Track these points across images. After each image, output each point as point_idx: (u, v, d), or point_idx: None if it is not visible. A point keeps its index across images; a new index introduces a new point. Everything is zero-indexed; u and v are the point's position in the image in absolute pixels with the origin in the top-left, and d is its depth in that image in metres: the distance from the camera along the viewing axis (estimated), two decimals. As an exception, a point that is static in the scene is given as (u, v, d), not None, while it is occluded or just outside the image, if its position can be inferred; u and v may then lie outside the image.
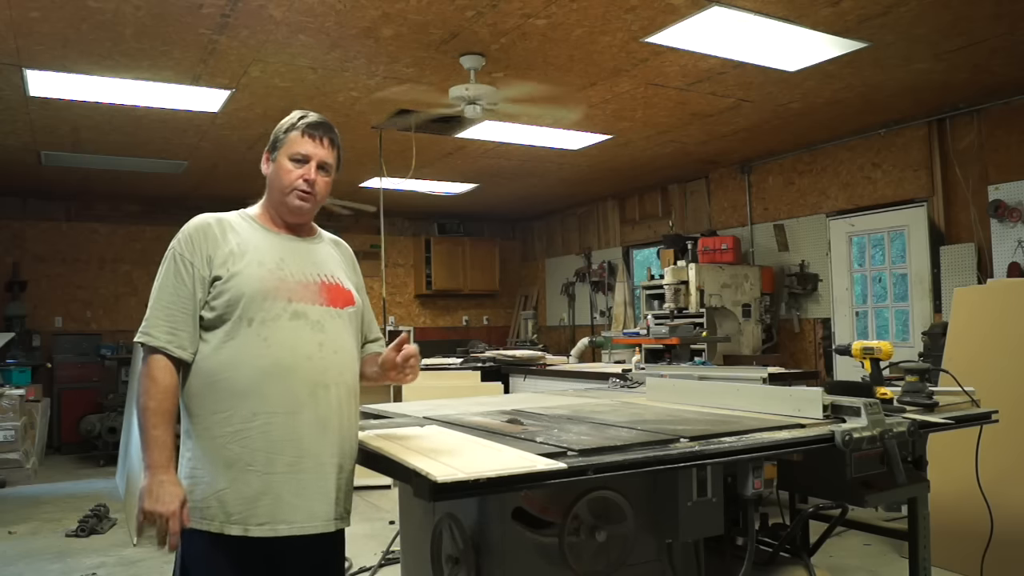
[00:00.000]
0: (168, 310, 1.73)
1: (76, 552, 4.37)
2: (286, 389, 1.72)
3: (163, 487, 1.65)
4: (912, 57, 4.51)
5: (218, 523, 1.69)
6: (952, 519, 3.56)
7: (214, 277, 1.75)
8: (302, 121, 1.88)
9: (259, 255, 1.80)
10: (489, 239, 10.82)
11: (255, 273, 1.77)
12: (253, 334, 1.73)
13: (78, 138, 5.94)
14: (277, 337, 1.74)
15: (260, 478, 1.69)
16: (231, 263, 1.76)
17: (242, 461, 1.69)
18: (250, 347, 1.72)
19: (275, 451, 1.70)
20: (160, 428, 1.67)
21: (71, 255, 8.50)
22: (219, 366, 1.73)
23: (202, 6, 3.63)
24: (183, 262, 1.76)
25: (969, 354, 3.87)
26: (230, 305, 1.74)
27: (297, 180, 1.84)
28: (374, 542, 4.34)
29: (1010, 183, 5.26)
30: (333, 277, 1.90)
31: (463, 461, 1.57)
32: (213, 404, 1.72)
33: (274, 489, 1.70)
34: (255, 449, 1.70)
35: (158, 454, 1.67)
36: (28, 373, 7.35)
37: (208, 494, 1.70)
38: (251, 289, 1.74)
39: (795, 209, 6.93)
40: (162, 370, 1.70)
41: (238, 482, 1.69)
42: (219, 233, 1.80)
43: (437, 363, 6.71)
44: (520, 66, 4.55)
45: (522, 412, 2.44)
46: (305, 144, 1.85)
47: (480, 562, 1.81)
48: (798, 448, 1.95)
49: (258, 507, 1.69)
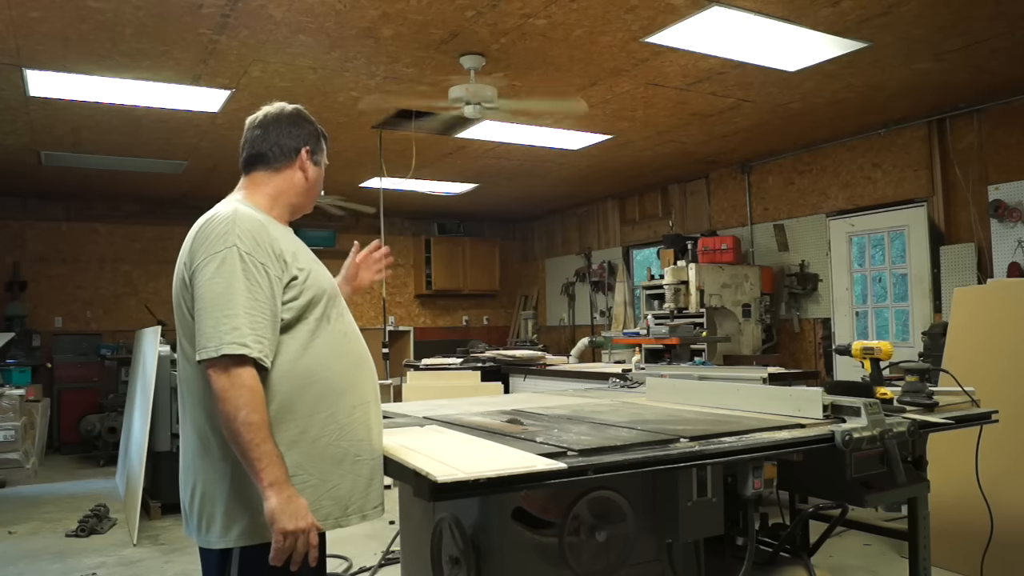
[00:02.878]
0: (250, 316, 1.57)
1: (76, 552, 4.37)
2: (371, 379, 1.81)
3: (293, 502, 1.54)
4: (912, 57, 4.51)
5: (333, 520, 1.67)
6: (952, 519, 3.56)
7: (291, 277, 1.67)
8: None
9: (308, 251, 1.80)
10: (489, 239, 10.83)
11: (322, 271, 1.78)
12: (333, 331, 1.73)
13: (78, 138, 5.94)
14: (351, 331, 1.80)
15: (369, 464, 1.74)
16: (297, 261, 1.70)
17: (351, 454, 1.70)
18: (337, 344, 1.73)
19: (373, 437, 1.77)
20: (271, 442, 1.55)
21: (71, 255, 8.50)
22: (312, 366, 1.67)
23: (202, 6, 3.63)
24: (253, 264, 1.61)
25: (969, 354, 3.87)
26: (312, 304, 1.69)
27: (321, 187, 1.94)
28: (374, 542, 4.34)
29: (1010, 183, 5.26)
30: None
31: (463, 461, 1.57)
32: (310, 406, 1.66)
33: (379, 471, 1.77)
34: (360, 440, 1.73)
35: (278, 469, 1.54)
36: (28, 373, 7.35)
37: (318, 495, 1.64)
38: (329, 286, 1.76)
39: (795, 209, 6.93)
40: (256, 380, 1.56)
41: (351, 474, 1.70)
42: (273, 231, 1.71)
43: (437, 363, 6.70)
44: (520, 66, 4.55)
45: (522, 412, 2.44)
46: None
47: (480, 562, 1.81)
48: (798, 448, 1.95)
49: (372, 491, 1.74)
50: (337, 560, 4.10)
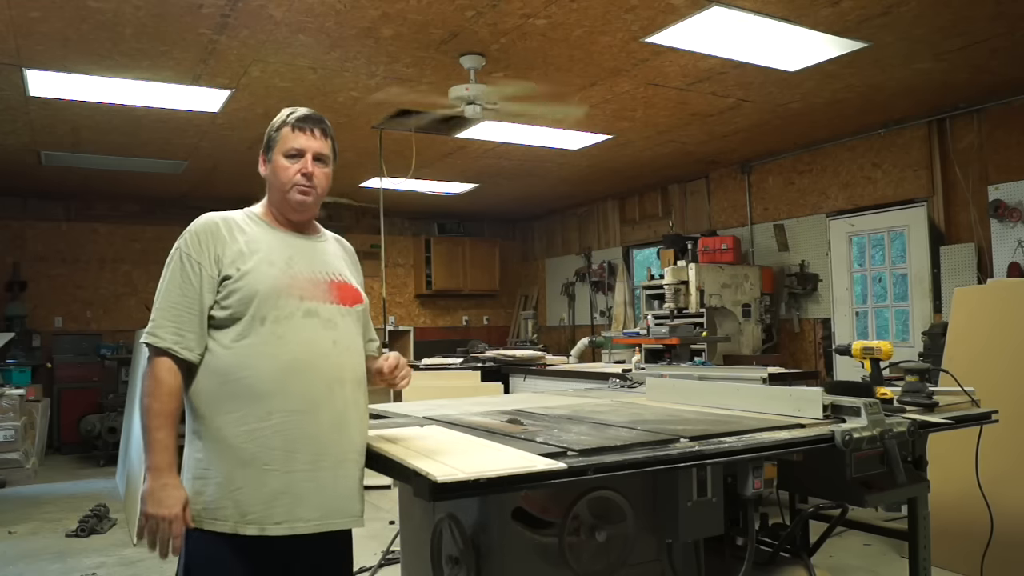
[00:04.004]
0: (174, 310, 1.71)
1: (76, 552, 4.37)
2: (305, 386, 1.72)
3: (165, 490, 1.64)
4: (912, 57, 4.51)
5: (231, 523, 1.67)
6: (952, 519, 3.56)
7: (224, 276, 1.74)
8: (292, 116, 1.87)
9: (269, 253, 1.79)
10: (489, 239, 10.82)
11: (267, 271, 1.76)
12: (268, 332, 1.72)
13: (78, 138, 5.94)
14: (293, 335, 1.73)
15: (279, 477, 1.68)
16: (240, 262, 1.75)
17: (259, 460, 1.68)
18: (266, 345, 1.71)
19: (294, 449, 1.69)
20: (163, 430, 1.66)
21: (71, 255, 8.50)
22: (233, 365, 1.71)
23: (202, 6, 3.63)
24: (190, 262, 1.74)
25: (969, 354, 3.87)
26: (243, 303, 1.72)
27: (295, 175, 1.83)
28: (374, 542, 4.34)
29: (1010, 183, 5.26)
30: (341, 275, 1.90)
31: (463, 461, 1.57)
32: (227, 404, 1.70)
33: (294, 488, 1.68)
34: (272, 448, 1.68)
35: (160, 456, 1.66)
36: (28, 373, 7.35)
37: (221, 494, 1.67)
38: (264, 287, 1.74)
39: (795, 209, 6.93)
40: (167, 371, 1.68)
41: (255, 481, 1.67)
42: (226, 232, 1.78)
43: (437, 363, 6.70)
44: (520, 66, 4.55)
45: (522, 412, 2.44)
46: (298, 138, 1.85)
47: (480, 562, 1.81)
48: (798, 448, 1.95)
49: (276, 506, 1.67)
50: (337, 560, 4.10)
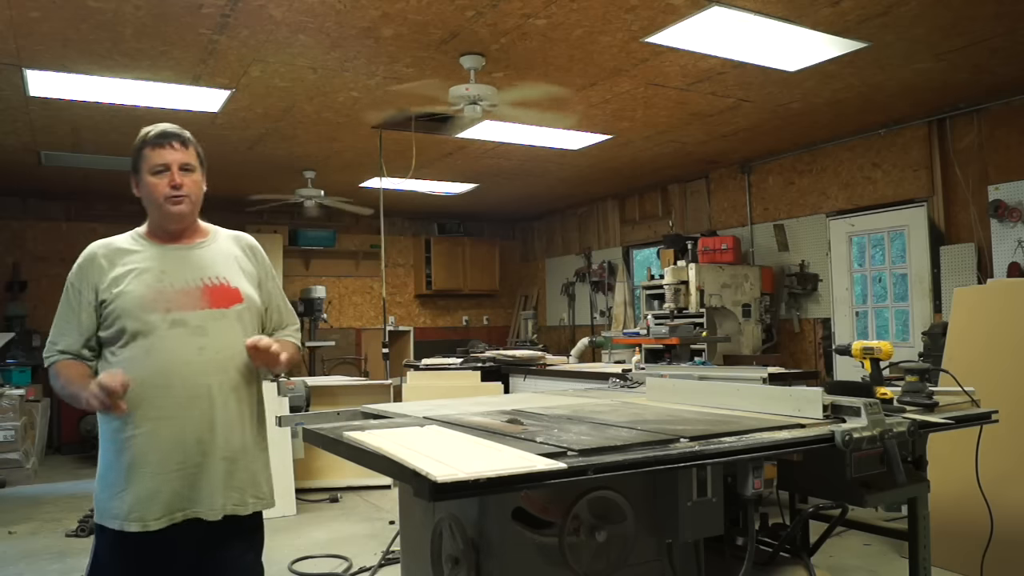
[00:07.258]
0: (58, 328, 1.97)
1: (76, 552, 4.37)
2: (167, 395, 1.89)
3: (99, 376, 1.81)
4: (912, 57, 4.51)
5: (119, 521, 1.87)
6: (952, 519, 3.56)
7: (100, 301, 1.94)
8: (150, 135, 2.03)
9: (139, 271, 1.96)
10: (489, 239, 10.83)
11: (134, 290, 1.93)
12: (138, 347, 1.90)
13: (78, 138, 5.94)
14: (157, 347, 1.90)
15: (155, 478, 1.87)
16: (114, 285, 1.94)
17: (138, 464, 1.87)
18: (135, 359, 1.89)
19: (165, 453, 1.88)
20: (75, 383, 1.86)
21: (71, 255, 8.23)
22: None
23: (202, 6, 3.63)
24: (73, 291, 1.98)
25: (969, 354, 3.87)
26: (116, 322, 1.91)
27: (165, 189, 1.98)
28: (374, 542, 4.34)
29: (1010, 183, 5.26)
30: (218, 279, 2.03)
31: (463, 461, 1.57)
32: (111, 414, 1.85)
33: (168, 486, 1.88)
34: (147, 452, 1.88)
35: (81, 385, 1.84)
36: (28, 373, 7.35)
37: (113, 495, 1.88)
38: (131, 304, 1.91)
39: (795, 209, 6.93)
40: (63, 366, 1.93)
41: (136, 483, 1.87)
42: (105, 262, 1.98)
43: (437, 363, 6.70)
44: (520, 66, 4.55)
45: (522, 412, 2.43)
46: (160, 154, 2.00)
47: (480, 562, 1.81)
48: (798, 448, 1.94)
49: (154, 504, 1.86)
50: (337, 560, 4.10)
